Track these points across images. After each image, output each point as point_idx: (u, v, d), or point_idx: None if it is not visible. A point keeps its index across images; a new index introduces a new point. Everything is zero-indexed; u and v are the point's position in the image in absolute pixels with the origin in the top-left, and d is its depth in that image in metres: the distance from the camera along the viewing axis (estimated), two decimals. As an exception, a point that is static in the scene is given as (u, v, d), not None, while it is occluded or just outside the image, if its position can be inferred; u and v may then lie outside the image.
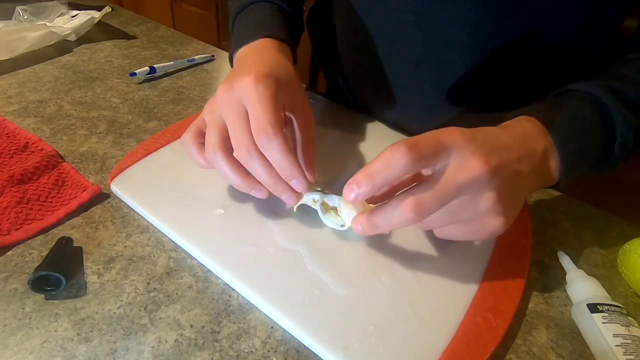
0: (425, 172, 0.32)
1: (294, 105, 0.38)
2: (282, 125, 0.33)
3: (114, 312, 0.31)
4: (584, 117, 0.35)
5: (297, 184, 0.33)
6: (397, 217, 0.29)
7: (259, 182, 0.34)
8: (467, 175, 0.29)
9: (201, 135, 0.37)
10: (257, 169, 0.33)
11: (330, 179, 0.43)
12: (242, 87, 0.33)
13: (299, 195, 0.35)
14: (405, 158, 0.28)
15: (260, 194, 0.35)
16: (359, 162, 0.47)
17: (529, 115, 0.35)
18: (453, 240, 0.37)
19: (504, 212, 0.30)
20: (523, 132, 0.34)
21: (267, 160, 0.33)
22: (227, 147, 0.34)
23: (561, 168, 0.34)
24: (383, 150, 0.29)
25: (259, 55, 0.41)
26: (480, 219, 0.31)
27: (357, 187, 0.29)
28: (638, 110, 0.35)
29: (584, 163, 0.36)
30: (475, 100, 0.39)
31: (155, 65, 0.62)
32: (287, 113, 0.38)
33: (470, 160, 0.29)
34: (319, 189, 0.37)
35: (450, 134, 0.30)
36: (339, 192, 0.38)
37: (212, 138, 0.34)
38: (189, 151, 0.37)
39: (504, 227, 0.31)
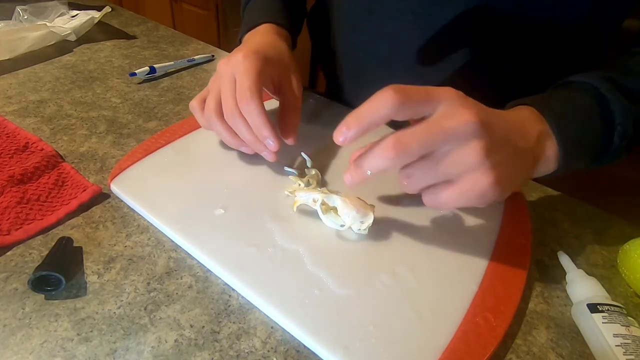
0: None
1: (282, 79, 0.44)
2: (261, 92, 0.39)
3: (114, 312, 0.31)
4: (582, 105, 0.35)
5: (270, 143, 0.39)
6: (379, 156, 0.29)
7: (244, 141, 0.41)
8: (454, 122, 0.28)
9: (204, 102, 0.43)
10: (239, 128, 0.39)
11: (330, 179, 0.43)
12: (234, 61, 0.40)
13: (275, 154, 0.41)
14: (392, 100, 0.28)
15: (247, 150, 0.42)
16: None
17: (526, 105, 0.35)
18: (453, 240, 0.38)
19: (495, 172, 0.29)
20: (517, 117, 0.34)
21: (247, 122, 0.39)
22: (221, 111, 0.40)
23: (560, 154, 0.34)
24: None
25: (258, 37, 0.48)
26: (468, 175, 0.29)
27: (347, 129, 0.30)
28: (638, 100, 0.35)
29: (584, 152, 0.36)
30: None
31: (155, 65, 0.62)
32: (275, 84, 0.44)
33: (459, 110, 0.29)
34: (319, 188, 0.37)
35: (443, 89, 0.30)
36: (339, 190, 0.38)
37: (210, 103, 0.41)
38: (194, 114, 0.44)
39: (494, 189, 0.29)
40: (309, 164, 0.43)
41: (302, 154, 0.44)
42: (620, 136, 0.35)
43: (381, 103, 0.29)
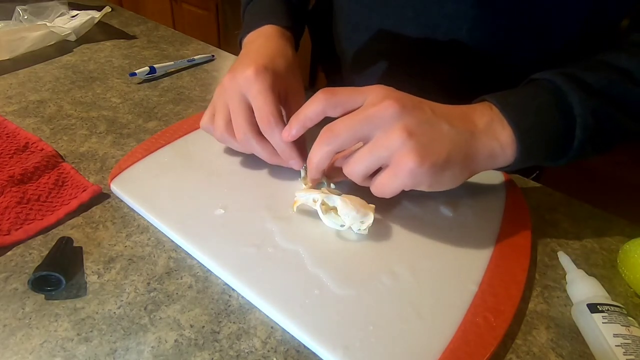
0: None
1: (289, 91, 0.43)
2: (281, 114, 0.38)
3: (114, 312, 0.31)
4: (539, 98, 0.36)
5: (294, 163, 0.39)
6: (317, 149, 0.34)
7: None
8: (376, 108, 0.32)
9: (214, 120, 0.42)
10: (255, 149, 0.39)
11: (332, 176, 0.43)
12: (243, 79, 0.38)
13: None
14: (322, 98, 0.34)
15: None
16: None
17: (485, 101, 0.37)
18: (453, 240, 0.38)
19: (419, 150, 0.31)
20: (463, 107, 0.36)
21: (263, 142, 0.39)
22: (231, 131, 0.40)
23: (515, 141, 0.35)
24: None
25: (263, 41, 0.46)
26: (395, 157, 0.32)
27: (289, 127, 0.36)
28: (596, 93, 0.36)
29: (543, 141, 0.36)
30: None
31: (155, 65, 0.62)
32: (282, 97, 0.43)
33: (382, 99, 0.32)
34: (324, 183, 0.38)
35: (372, 86, 0.34)
36: (341, 191, 0.38)
37: (219, 122, 0.40)
38: (208, 132, 0.42)
39: (422, 166, 0.31)
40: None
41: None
42: (581, 128, 0.35)
43: (314, 102, 0.34)
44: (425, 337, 0.30)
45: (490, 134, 0.35)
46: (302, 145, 0.40)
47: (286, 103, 0.42)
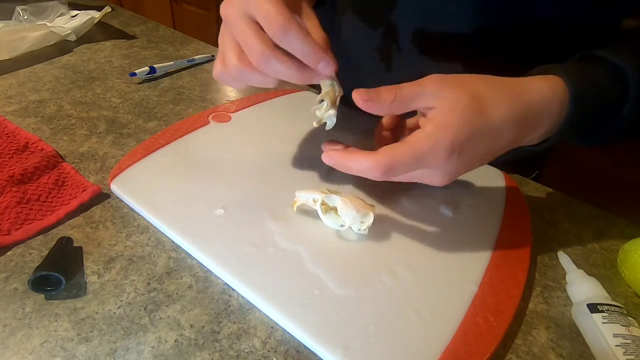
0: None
1: (296, 7, 0.37)
2: (294, 16, 0.32)
3: (114, 312, 0.31)
4: (598, 75, 0.36)
5: (325, 65, 0.33)
6: (364, 172, 0.33)
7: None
8: (435, 159, 0.31)
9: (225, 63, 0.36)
10: (277, 68, 0.32)
11: (331, 178, 0.43)
12: None
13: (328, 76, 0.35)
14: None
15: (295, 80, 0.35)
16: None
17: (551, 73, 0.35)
18: (453, 240, 0.38)
19: (449, 179, 0.33)
20: (527, 102, 0.34)
21: (284, 57, 0.32)
22: (245, 61, 0.34)
23: (570, 96, 0.34)
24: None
25: None
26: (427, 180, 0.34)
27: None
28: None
29: (592, 109, 0.35)
30: None
31: (155, 65, 0.62)
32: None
33: (442, 143, 0.31)
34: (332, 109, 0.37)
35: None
36: (340, 190, 0.38)
37: (231, 59, 0.34)
38: (223, 80, 0.37)
39: (448, 182, 0.34)
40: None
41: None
42: (629, 112, 0.35)
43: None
44: (425, 337, 0.30)
45: (545, 121, 0.34)
46: (327, 46, 0.35)
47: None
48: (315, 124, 0.37)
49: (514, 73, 0.38)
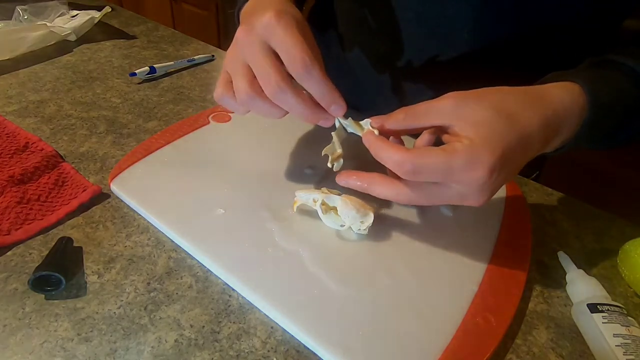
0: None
1: (306, 34, 0.37)
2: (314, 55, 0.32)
3: (114, 312, 0.31)
4: (616, 80, 0.35)
5: (337, 108, 0.34)
6: (393, 197, 0.32)
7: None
8: (468, 178, 0.29)
9: (231, 87, 0.36)
10: (290, 102, 0.33)
11: (331, 178, 0.43)
12: (263, 26, 0.32)
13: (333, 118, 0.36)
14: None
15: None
16: (358, 159, 0.46)
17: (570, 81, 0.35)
18: (453, 240, 0.38)
19: (484, 199, 0.31)
20: (551, 116, 0.33)
21: (299, 92, 0.33)
22: (257, 89, 0.33)
23: (587, 99, 0.33)
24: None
25: (267, 2, 0.39)
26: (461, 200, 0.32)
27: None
28: None
29: (611, 114, 0.35)
30: None
31: (155, 65, 0.62)
32: None
33: (476, 166, 0.29)
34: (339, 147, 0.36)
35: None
36: (339, 190, 0.38)
37: (241, 84, 0.34)
38: (224, 103, 0.36)
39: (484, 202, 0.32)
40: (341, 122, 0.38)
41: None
42: None
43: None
44: (425, 337, 0.30)
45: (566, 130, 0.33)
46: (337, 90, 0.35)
47: None
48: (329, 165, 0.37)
49: (516, 80, 0.38)
